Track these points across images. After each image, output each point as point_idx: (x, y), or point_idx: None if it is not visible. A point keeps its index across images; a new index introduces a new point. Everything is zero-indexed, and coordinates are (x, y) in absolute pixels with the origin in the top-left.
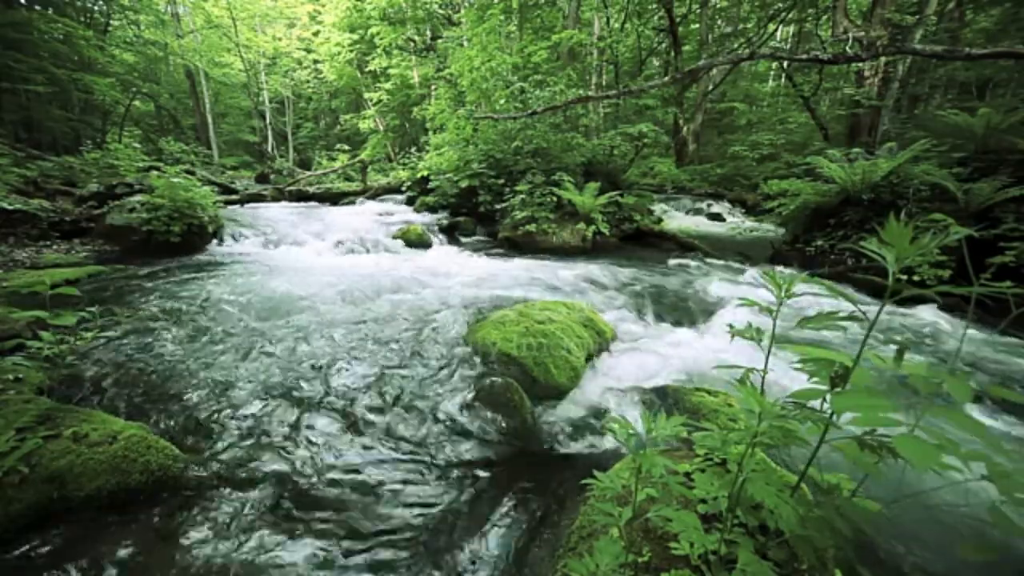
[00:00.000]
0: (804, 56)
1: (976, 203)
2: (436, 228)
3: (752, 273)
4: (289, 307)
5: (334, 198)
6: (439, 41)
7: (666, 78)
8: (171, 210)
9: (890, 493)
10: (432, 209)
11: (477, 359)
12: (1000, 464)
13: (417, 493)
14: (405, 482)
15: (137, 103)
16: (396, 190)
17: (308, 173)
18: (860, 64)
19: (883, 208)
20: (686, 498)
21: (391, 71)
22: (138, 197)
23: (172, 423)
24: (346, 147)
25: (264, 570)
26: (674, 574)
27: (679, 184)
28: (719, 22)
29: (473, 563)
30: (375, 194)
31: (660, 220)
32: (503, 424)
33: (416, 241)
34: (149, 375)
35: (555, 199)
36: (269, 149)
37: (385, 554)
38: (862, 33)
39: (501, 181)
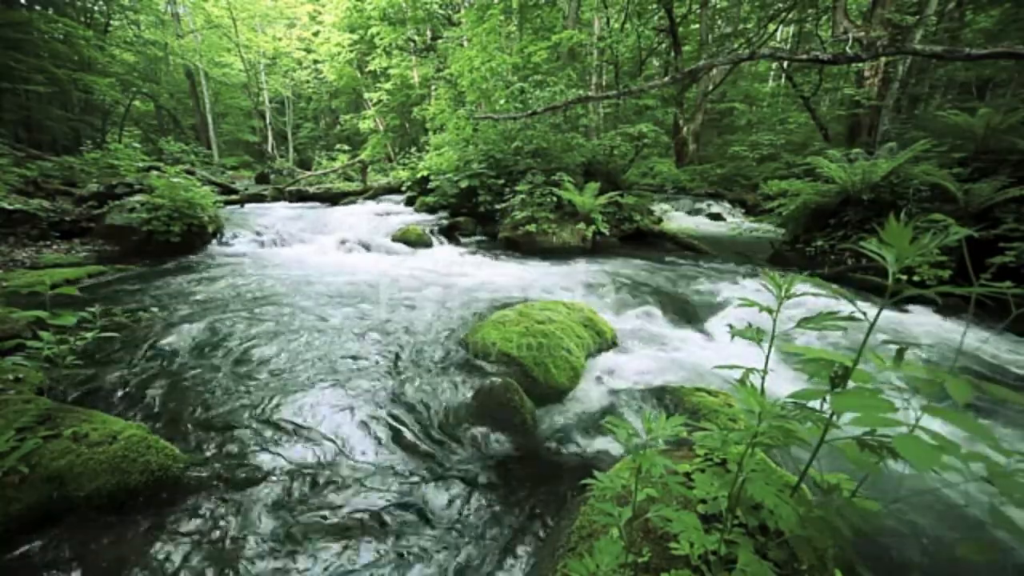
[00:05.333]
0: (804, 56)
1: (976, 203)
2: (436, 228)
3: (752, 273)
4: (288, 307)
5: (334, 198)
6: (439, 41)
7: (666, 78)
8: (171, 210)
9: (890, 493)
10: (432, 209)
11: (477, 359)
12: (1000, 464)
13: (417, 493)
14: (405, 482)
15: (137, 103)
16: (396, 190)
17: (308, 173)
18: (860, 64)
19: (883, 208)
20: (686, 498)
21: (391, 71)
22: (138, 197)
23: (172, 423)
24: (346, 147)
25: (264, 571)
26: (674, 574)
27: (679, 184)
28: (719, 22)
29: (473, 563)
30: (375, 194)
31: (660, 220)
32: (503, 424)
33: (416, 241)
34: (149, 375)
35: (555, 199)
36: (269, 149)
37: (385, 553)
38: (862, 33)
39: (501, 181)
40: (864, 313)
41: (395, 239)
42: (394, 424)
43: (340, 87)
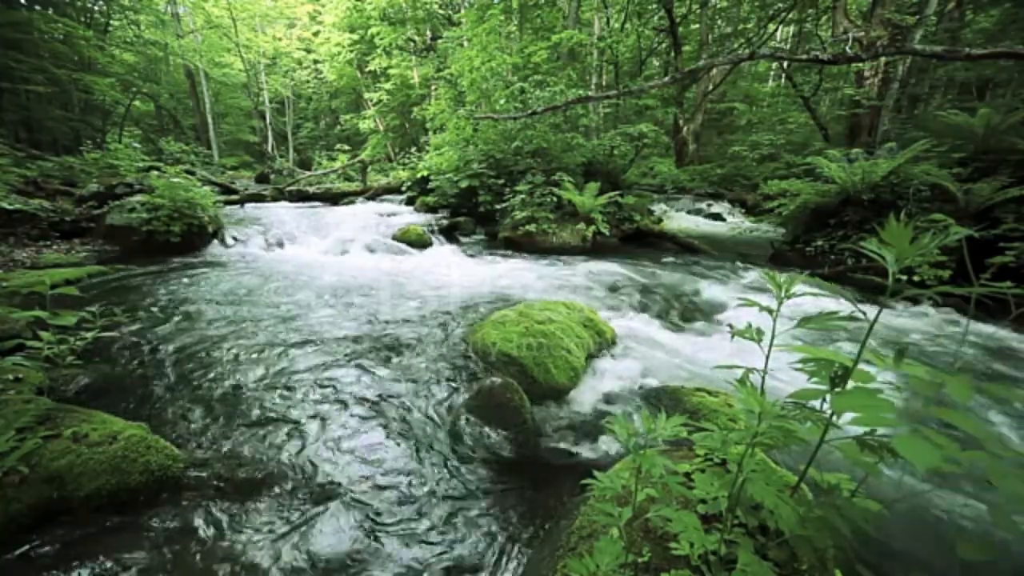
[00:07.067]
0: (804, 56)
1: (976, 203)
2: (436, 228)
3: (752, 273)
4: (288, 307)
5: (334, 198)
6: (439, 41)
7: (666, 78)
8: (171, 210)
9: (890, 493)
10: (432, 209)
11: (477, 359)
12: (1000, 464)
13: (416, 493)
14: (404, 482)
15: (137, 103)
16: (396, 190)
17: (308, 173)
18: (860, 64)
19: (883, 208)
20: (686, 498)
21: (391, 71)
22: (138, 197)
23: (172, 423)
24: (346, 147)
25: (263, 571)
26: (674, 574)
27: (679, 184)
28: (719, 22)
29: (473, 562)
30: (375, 194)
31: (660, 220)
32: (503, 424)
33: (416, 241)
34: (149, 375)
35: (555, 199)
36: (269, 149)
37: (383, 553)
38: (862, 33)
39: (501, 181)
40: (864, 313)
41: (395, 239)
42: (394, 423)
43: (340, 87)
